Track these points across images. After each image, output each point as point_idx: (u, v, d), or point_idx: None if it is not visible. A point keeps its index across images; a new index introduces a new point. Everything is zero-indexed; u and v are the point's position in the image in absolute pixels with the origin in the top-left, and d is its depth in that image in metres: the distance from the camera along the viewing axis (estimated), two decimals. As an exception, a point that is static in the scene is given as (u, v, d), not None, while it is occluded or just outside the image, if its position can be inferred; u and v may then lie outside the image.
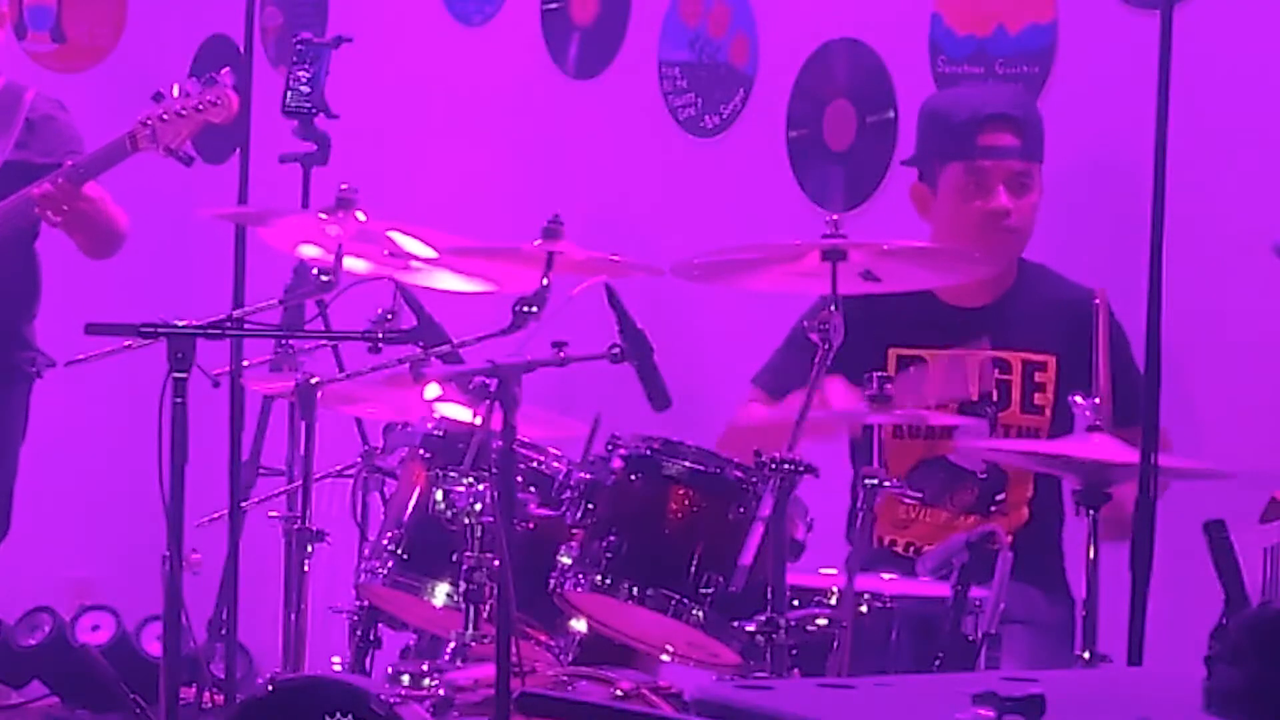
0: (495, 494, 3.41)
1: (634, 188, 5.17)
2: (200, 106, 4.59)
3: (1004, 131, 3.98)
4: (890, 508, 3.81)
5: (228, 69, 4.69)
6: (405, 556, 3.76)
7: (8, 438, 5.04)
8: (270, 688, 3.58)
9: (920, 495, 3.76)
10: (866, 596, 3.49)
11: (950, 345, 4.06)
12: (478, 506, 3.44)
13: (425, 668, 3.62)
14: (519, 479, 3.59)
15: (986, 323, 4.06)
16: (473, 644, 3.51)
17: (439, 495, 3.57)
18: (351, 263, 3.94)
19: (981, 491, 4.03)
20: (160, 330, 3.52)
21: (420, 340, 3.80)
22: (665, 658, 3.69)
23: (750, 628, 3.35)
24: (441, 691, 3.50)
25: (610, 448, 3.62)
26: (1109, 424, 3.58)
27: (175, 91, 4.63)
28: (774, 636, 3.34)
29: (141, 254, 6.00)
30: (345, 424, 4.45)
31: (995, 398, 4.05)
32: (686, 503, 3.55)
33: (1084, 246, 4.30)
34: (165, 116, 4.59)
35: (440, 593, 3.71)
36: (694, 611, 3.47)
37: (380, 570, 3.78)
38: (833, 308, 3.44)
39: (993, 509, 3.99)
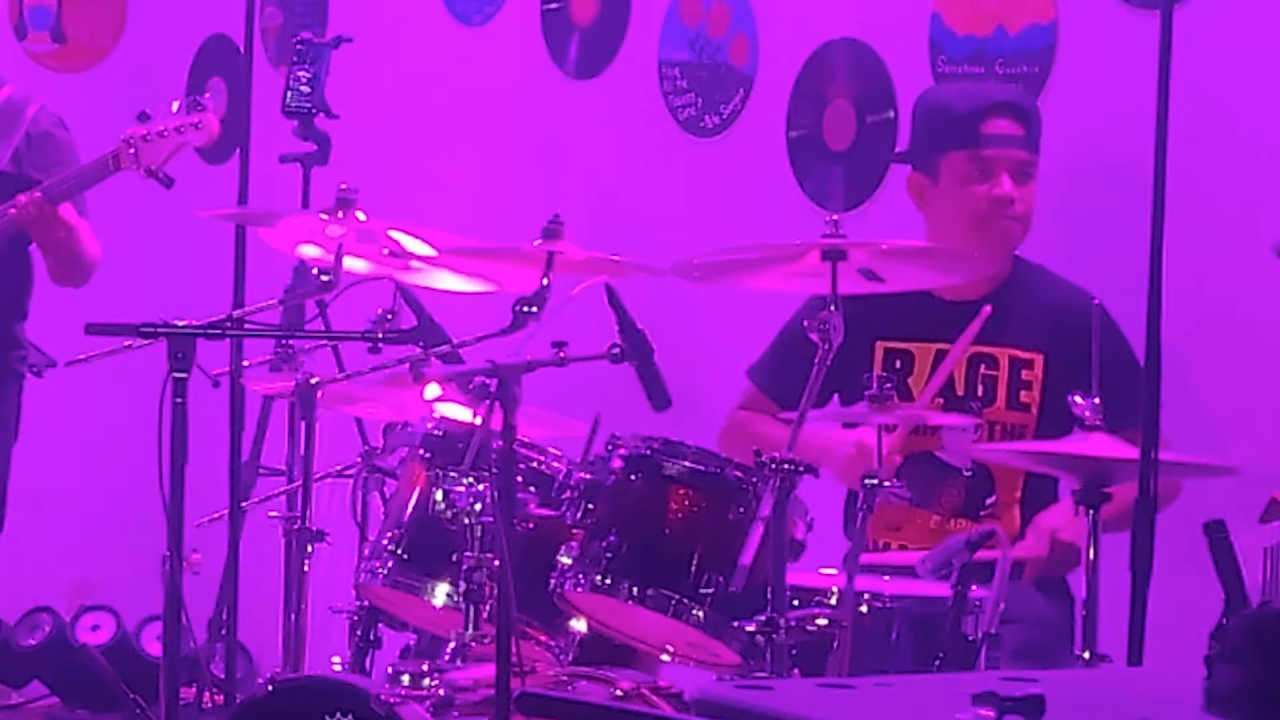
0: (495, 494, 3.42)
1: (634, 188, 5.19)
2: (181, 129, 4.63)
3: (1009, 119, 3.99)
4: (881, 511, 3.85)
5: (209, 94, 4.75)
6: (405, 556, 3.78)
7: (0, 436, 5.06)
8: (270, 688, 3.60)
9: (908, 496, 3.77)
10: (866, 596, 3.49)
11: (939, 340, 4.06)
12: (478, 506, 3.46)
13: (425, 668, 3.64)
14: (519, 479, 3.60)
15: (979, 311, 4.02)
16: (473, 644, 3.53)
17: (439, 495, 3.59)
18: (351, 263, 3.96)
19: (968, 491, 4.03)
20: (160, 330, 3.53)
21: (420, 340, 3.82)
22: (665, 658, 3.70)
23: (750, 628, 3.36)
24: (441, 691, 3.52)
25: (610, 448, 3.63)
26: (1102, 421, 3.59)
27: (161, 110, 4.68)
28: (774, 636, 3.34)
29: (141, 254, 6.02)
30: (345, 424, 4.46)
31: (981, 393, 4.04)
32: (686, 503, 3.56)
33: (1084, 246, 4.32)
34: (148, 137, 4.64)
35: (440, 593, 3.73)
36: (694, 611, 3.48)
37: (380, 570, 3.80)
38: (832, 307, 3.45)
39: (983, 513, 3.98)
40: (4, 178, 4.88)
